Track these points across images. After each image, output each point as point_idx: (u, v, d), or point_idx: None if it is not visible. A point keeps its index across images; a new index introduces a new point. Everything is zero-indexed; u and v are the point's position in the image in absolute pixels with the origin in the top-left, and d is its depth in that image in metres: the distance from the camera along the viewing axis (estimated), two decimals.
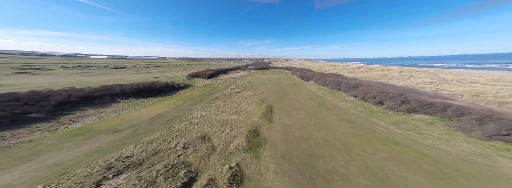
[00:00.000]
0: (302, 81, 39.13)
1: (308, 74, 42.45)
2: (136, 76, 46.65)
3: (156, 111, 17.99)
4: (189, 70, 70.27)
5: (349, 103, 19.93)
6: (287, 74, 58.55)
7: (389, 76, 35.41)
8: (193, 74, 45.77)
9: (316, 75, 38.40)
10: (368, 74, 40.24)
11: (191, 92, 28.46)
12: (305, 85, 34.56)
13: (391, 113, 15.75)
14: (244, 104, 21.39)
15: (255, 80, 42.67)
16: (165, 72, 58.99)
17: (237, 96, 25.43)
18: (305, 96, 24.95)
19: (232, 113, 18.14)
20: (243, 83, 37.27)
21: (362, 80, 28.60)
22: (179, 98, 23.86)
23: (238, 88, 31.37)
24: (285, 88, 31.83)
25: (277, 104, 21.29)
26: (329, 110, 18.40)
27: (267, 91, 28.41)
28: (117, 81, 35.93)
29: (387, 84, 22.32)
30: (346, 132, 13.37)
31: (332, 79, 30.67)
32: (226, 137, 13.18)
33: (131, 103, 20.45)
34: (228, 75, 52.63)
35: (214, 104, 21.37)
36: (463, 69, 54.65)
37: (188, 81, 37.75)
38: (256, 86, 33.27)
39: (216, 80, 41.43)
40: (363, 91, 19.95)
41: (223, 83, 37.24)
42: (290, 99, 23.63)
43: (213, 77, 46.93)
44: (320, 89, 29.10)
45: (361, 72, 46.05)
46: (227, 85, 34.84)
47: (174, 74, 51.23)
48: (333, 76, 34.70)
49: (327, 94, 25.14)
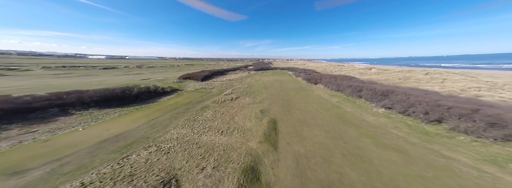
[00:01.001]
0: (309, 85, 34.05)
1: (314, 76, 37.38)
2: (121, 78, 41.68)
3: (115, 129, 12.95)
4: (185, 70, 65.34)
5: (382, 117, 14.81)
6: (290, 75, 53.50)
7: (413, 79, 30.18)
8: (185, 75, 40.77)
9: (325, 77, 33.33)
10: (385, 76, 35.07)
11: (177, 99, 23.42)
12: (313, 89, 29.48)
13: (466, 138, 10.55)
14: (239, 116, 16.35)
15: (255, 83, 37.64)
16: (157, 73, 54.10)
17: (232, 104, 20.40)
18: (317, 105, 19.87)
19: (222, 132, 13.15)
20: (241, 86, 32.24)
21: (385, 84, 23.52)
22: (158, 108, 18.83)
23: (235, 93, 26.33)
24: (290, 93, 26.76)
25: (283, 117, 16.24)
26: (357, 128, 13.31)
27: (269, 98, 23.36)
28: (94, 84, 31.00)
29: (427, 91, 17.20)
30: (402, 172, 8.29)
31: (346, 82, 25.61)
32: (205, 183, 8.17)
33: (89, 116, 15.42)
34: (225, 77, 47.62)
35: (201, 116, 16.37)
36: (487, 70, 49.36)
37: (178, 85, 32.72)
38: (256, 91, 28.21)
39: (210, 83, 36.40)
40: (402, 101, 14.83)
41: (218, 87, 32.21)
42: (299, 109, 18.57)
43: (208, 79, 41.92)
44: (333, 95, 24.00)
45: (375, 73, 40.89)
46: (222, 90, 29.80)
47: (166, 76, 46.26)
48: (346, 79, 29.64)
49: (345, 103, 20.04)
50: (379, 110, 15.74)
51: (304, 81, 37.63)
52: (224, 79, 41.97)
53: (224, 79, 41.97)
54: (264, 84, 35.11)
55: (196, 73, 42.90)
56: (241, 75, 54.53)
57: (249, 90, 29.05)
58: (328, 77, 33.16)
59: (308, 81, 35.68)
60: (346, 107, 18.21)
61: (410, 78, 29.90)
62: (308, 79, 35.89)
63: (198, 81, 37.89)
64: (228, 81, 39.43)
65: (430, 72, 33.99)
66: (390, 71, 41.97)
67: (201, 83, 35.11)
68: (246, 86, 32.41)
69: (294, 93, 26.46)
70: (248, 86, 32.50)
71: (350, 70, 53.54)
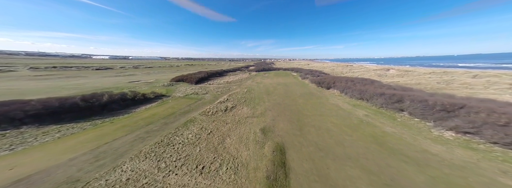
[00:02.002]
0: (320, 89, 28.96)
1: (325, 78, 32.24)
2: (107, 80, 37.30)
3: (30, 164, 8.21)
4: (182, 71, 60.92)
5: (458, 147, 9.62)
6: (295, 77, 48.38)
7: (458, 83, 24.46)
8: (179, 77, 36.11)
9: (339, 81, 28.19)
10: (414, 79, 29.45)
11: (158, 108, 18.68)
12: (326, 96, 24.39)
13: None
14: (233, 138, 11.49)
15: (256, 86, 32.75)
16: (151, 75, 49.70)
17: (226, 118, 15.54)
18: (338, 120, 14.81)
19: (203, 170, 8.44)
20: (239, 91, 27.38)
21: (428, 91, 18.19)
22: (124, 123, 14.09)
23: (231, 100, 21.48)
24: (298, 101, 21.75)
25: (293, 140, 11.30)
26: (420, 167, 8.23)
27: (273, 108, 18.42)
28: (69, 87, 26.61)
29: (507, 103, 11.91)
30: None
31: (371, 88, 20.46)
32: None
33: (14, 138, 10.78)
34: (223, 79, 42.86)
35: (180, 137, 11.62)
36: None
37: (166, 89, 28.02)
38: (257, 98, 23.30)
39: (205, 87, 31.66)
40: (491, 123, 9.59)
41: (213, 92, 27.43)
42: (314, 126, 13.59)
43: (203, 81, 37.18)
44: (356, 105, 18.88)
45: (397, 76, 35.35)
46: (216, 95, 24.98)
47: (158, 78, 41.70)
48: (367, 83, 24.44)
49: (379, 118, 14.91)
50: (445, 134, 10.60)
51: (313, 85, 32.53)
52: (222, 82, 37.18)
53: (222, 82, 37.18)
54: (267, 88, 30.18)
55: (191, 75, 38.25)
56: (241, 76, 49.72)
57: (249, 96, 24.16)
58: (343, 80, 28.01)
59: (319, 84, 30.57)
60: (383, 125, 13.10)
61: (452, 82, 24.37)
62: (319, 83, 30.78)
63: (192, 84, 33.19)
64: (225, 84, 34.63)
65: (479, 74, 28.02)
66: (415, 72, 36.35)
67: (194, 87, 30.38)
68: (246, 91, 27.54)
69: (303, 101, 21.44)
70: (248, 91, 27.62)
71: (364, 72, 48.04)
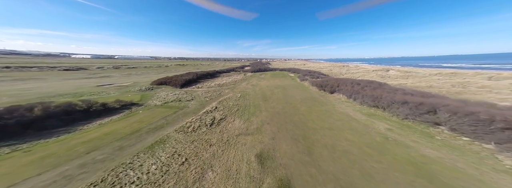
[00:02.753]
0: (322, 93, 25.77)
1: (328, 81, 29.10)
2: (70, 83, 32.11)
3: None
4: (171, 72, 56.41)
5: None
6: (293, 79, 45.17)
7: (476, 86, 21.84)
8: (162, 80, 31.96)
9: (344, 84, 25.08)
10: (424, 81, 26.71)
11: (118, 124, 14.68)
12: (331, 102, 21.19)
13: None
14: (216, 174, 7.94)
15: (251, 89, 29.21)
16: (130, 77, 44.68)
17: (210, 136, 11.92)
18: (355, 137, 11.49)
19: None
20: (231, 97, 23.75)
21: (465, 100, 15.05)
22: (50, 152, 10.13)
23: (220, 110, 17.85)
24: (300, 108, 18.39)
25: (304, 176, 7.86)
26: None
27: (271, 120, 14.94)
28: (15, 93, 22.04)
29: None
30: None
31: (385, 93, 17.36)
32: None
33: None
34: (215, 81, 39.00)
35: (134, 173, 7.96)
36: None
37: (141, 95, 23.83)
38: (252, 105, 19.77)
39: (192, 91, 27.80)
40: None
41: (200, 97, 23.66)
42: (326, 147, 10.21)
43: (191, 84, 33.19)
44: (370, 115, 15.70)
45: (401, 77, 32.66)
46: (204, 102, 21.23)
47: (137, 80, 37.00)
48: (376, 87, 21.39)
49: (407, 134, 11.72)
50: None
51: (314, 88, 29.32)
52: (212, 85, 33.35)
53: (212, 85, 33.35)
54: (263, 92, 26.69)
55: (177, 77, 34.16)
56: (235, 78, 46.00)
57: (242, 103, 20.58)
58: (348, 83, 24.91)
59: (321, 88, 27.36)
60: (418, 146, 9.85)
61: (468, 85, 21.82)
62: (321, 86, 27.57)
63: (176, 87, 29.20)
64: (216, 88, 30.87)
65: (494, 76, 25.63)
66: (419, 74, 33.86)
67: (178, 92, 26.46)
68: (239, 96, 23.95)
69: (306, 109, 18.09)
70: (242, 96, 24.04)
71: (364, 73, 45.40)
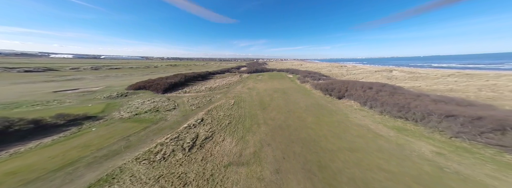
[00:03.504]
0: (329, 99, 22.31)
1: (333, 84, 25.63)
2: (17, 88, 25.91)
3: None
4: (158, 73, 51.86)
5: None
6: (292, 80, 41.71)
7: (510, 90, 18.95)
8: (142, 83, 27.59)
9: (352, 87, 21.71)
10: (440, 84, 23.65)
11: (43, 153, 10.47)
12: (342, 110, 17.68)
13: None
14: None
15: (247, 94, 25.42)
16: (104, 79, 39.19)
17: (186, 168, 8.04)
18: (395, 166, 7.89)
19: None
20: (224, 104, 19.88)
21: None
22: None
23: (208, 123, 13.97)
24: (307, 120, 14.75)
25: None
26: None
27: (273, 139, 11.19)
28: None
29: None
30: None
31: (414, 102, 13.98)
32: None
33: None
34: (206, 84, 34.97)
35: None
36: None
37: (105, 104, 19.40)
38: (248, 116, 15.96)
39: (176, 97, 23.74)
40: None
41: (185, 105, 19.67)
42: (357, 187, 6.55)
43: (177, 88, 28.99)
44: (400, 129, 12.24)
45: (410, 79, 29.53)
46: (187, 113, 17.25)
47: (111, 84, 31.83)
48: (395, 92, 18.02)
49: (471, 163, 8.24)
50: None
51: (318, 92, 25.83)
52: (203, 88, 29.32)
53: (203, 88, 29.32)
54: (261, 98, 22.97)
55: (161, 80, 29.89)
56: (230, 80, 42.10)
57: (236, 113, 16.76)
58: (358, 86, 21.51)
59: (326, 92, 23.88)
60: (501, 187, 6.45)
61: (498, 88, 18.86)
62: (326, 90, 24.08)
63: (158, 92, 24.99)
64: (207, 92, 26.89)
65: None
66: (429, 75, 30.86)
67: (158, 98, 22.34)
68: (233, 103, 20.13)
69: (314, 121, 14.48)
70: (236, 103, 20.22)
71: (367, 74, 42.39)
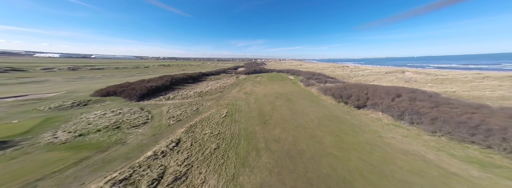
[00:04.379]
0: (344, 108, 17.96)
1: (346, 88, 21.31)
2: None
3: None
4: (147, 74, 46.99)
5: None
6: (295, 83, 37.36)
7: None
8: (113, 88, 22.61)
9: (374, 93, 17.42)
10: (489, 90, 19.24)
11: None
12: (368, 124, 13.33)
13: None
14: None
15: (243, 101, 20.90)
16: (76, 82, 33.10)
17: None
18: None
19: None
20: (213, 115, 15.29)
21: None
22: None
23: (183, 151, 9.40)
24: (325, 143, 10.31)
25: None
26: None
27: (281, 184, 6.74)
28: None
29: None
30: None
31: (490, 119, 9.77)
32: None
33: None
34: (196, 87, 30.34)
35: None
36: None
37: (44, 119, 14.54)
38: (243, 137, 11.40)
39: (154, 105, 19.09)
40: None
41: (159, 119, 15.04)
42: None
43: (158, 93, 24.13)
44: (488, 166, 7.96)
45: (433, 81, 25.11)
46: (160, 131, 12.61)
47: (77, 88, 26.19)
48: (437, 102, 13.77)
49: None
50: None
51: (328, 98, 21.48)
52: (191, 93, 24.66)
53: (191, 93, 24.66)
54: (260, 106, 18.47)
55: (140, 83, 25.06)
56: (225, 82, 37.53)
57: (227, 131, 12.19)
58: (382, 93, 17.21)
59: (340, 99, 19.52)
60: None
61: None
62: (340, 96, 19.70)
63: (132, 99, 20.20)
64: (195, 98, 22.28)
65: None
66: (457, 77, 26.70)
67: (128, 108, 17.64)
68: (225, 115, 15.57)
69: (335, 143, 10.08)
70: (229, 115, 15.67)
71: (378, 75, 38.22)
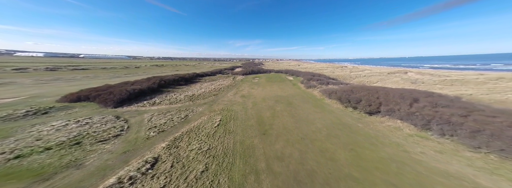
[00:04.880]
0: (354, 114, 15.84)
1: (354, 92, 19.22)
2: None
3: None
4: (136, 75, 44.03)
5: None
6: (295, 84, 35.23)
7: None
8: (85, 93, 19.64)
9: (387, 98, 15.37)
10: (502, 92, 17.63)
11: None
12: (387, 135, 11.19)
13: None
14: None
15: (240, 106, 18.54)
16: (47, 84, 28.55)
17: None
18: None
19: None
20: (204, 124, 12.88)
21: None
22: None
23: (161, 173, 6.98)
24: (340, 161, 8.08)
25: None
26: None
27: None
28: None
29: None
30: None
31: None
32: None
33: None
34: (188, 90, 27.81)
35: None
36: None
37: None
38: (238, 155, 9.05)
39: (135, 112, 16.54)
40: None
41: (136, 130, 12.56)
42: None
43: (141, 98, 21.46)
44: None
45: (442, 83, 22.95)
46: (134, 147, 10.15)
47: (46, 91, 23.30)
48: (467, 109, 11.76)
49: None
50: None
51: (334, 102, 19.34)
52: (181, 97, 22.15)
53: (181, 97, 22.15)
54: (259, 112, 16.13)
55: (120, 86, 22.32)
56: (221, 83, 35.09)
57: (220, 145, 9.82)
58: (397, 97, 15.13)
59: (348, 104, 17.37)
60: None
61: None
62: (348, 100, 17.56)
63: (107, 106, 17.36)
64: (185, 103, 19.79)
65: None
66: (468, 78, 24.78)
67: (100, 117, 15.05)
68: (218, 124, 13.18)
69: (353, 161, 7.86)
70: (223, 123, 13.28)
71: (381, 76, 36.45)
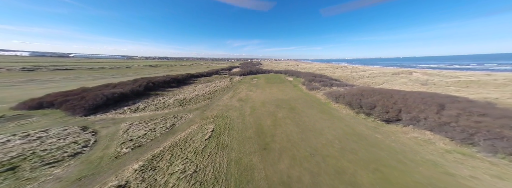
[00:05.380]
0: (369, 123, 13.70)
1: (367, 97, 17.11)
2: None
3: None
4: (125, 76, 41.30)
5: None
6: (296, 86, 33.11)
7: None
8: (51, 98, 16.78)
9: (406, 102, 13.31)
10: None
11: None
12: (415, 150, 9.08)
13: None
14: None
15: (237, 112, 16.24)
16: (15, 87, 25.23)
17: None
18: None
19: None
20: (192, 137, 10.60)
21: None
22: None
23: None
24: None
25: None
26: None
27: None
28: None
29: None
30: None
31: None
32: None
33: None
34: (179, 93, 25.43)
35: None
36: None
37: None
38: (233, 177, 6.82)
39: (110, 120, 14.13)
40: None
41: (107, 146, 10.21)
42: None
43: (122, 103, 18.89)
44: None
45: (457, 85, 20.34)
46: (94, 171, 7.74)
47: (11, 95, 20.46)
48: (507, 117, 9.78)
49: None
50: None
51: (341, 107, 17.20)
52: (171, 101, 19.76)
53: (171, 101, 19.76)
54: (258, 120, 13.88)
55: (97, 90, 19.80)
56: (217, 85, 32.77)
57: (209, 165, 7.54)
58: (419, 103, 13.06)
59: (359, 109, 15.23)
60: None
61: None
62: (360, 106, 15.42)
63: (76, 113, 14.72)
64: (174, 108, 17.43)
65: None
66: (485, 80, 22.87)
67: (56, 131, 12.58)
68: (209, 135, 10.88)
69: None
70: (215, 135, 10.99)
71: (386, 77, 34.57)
